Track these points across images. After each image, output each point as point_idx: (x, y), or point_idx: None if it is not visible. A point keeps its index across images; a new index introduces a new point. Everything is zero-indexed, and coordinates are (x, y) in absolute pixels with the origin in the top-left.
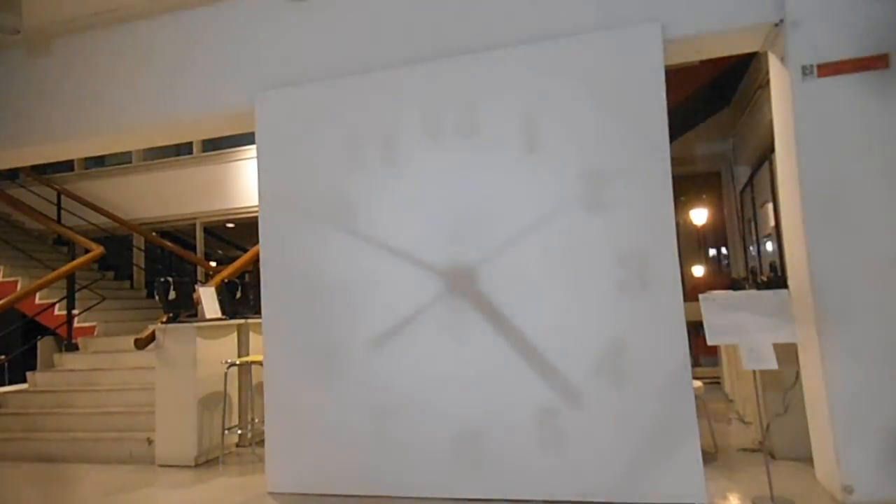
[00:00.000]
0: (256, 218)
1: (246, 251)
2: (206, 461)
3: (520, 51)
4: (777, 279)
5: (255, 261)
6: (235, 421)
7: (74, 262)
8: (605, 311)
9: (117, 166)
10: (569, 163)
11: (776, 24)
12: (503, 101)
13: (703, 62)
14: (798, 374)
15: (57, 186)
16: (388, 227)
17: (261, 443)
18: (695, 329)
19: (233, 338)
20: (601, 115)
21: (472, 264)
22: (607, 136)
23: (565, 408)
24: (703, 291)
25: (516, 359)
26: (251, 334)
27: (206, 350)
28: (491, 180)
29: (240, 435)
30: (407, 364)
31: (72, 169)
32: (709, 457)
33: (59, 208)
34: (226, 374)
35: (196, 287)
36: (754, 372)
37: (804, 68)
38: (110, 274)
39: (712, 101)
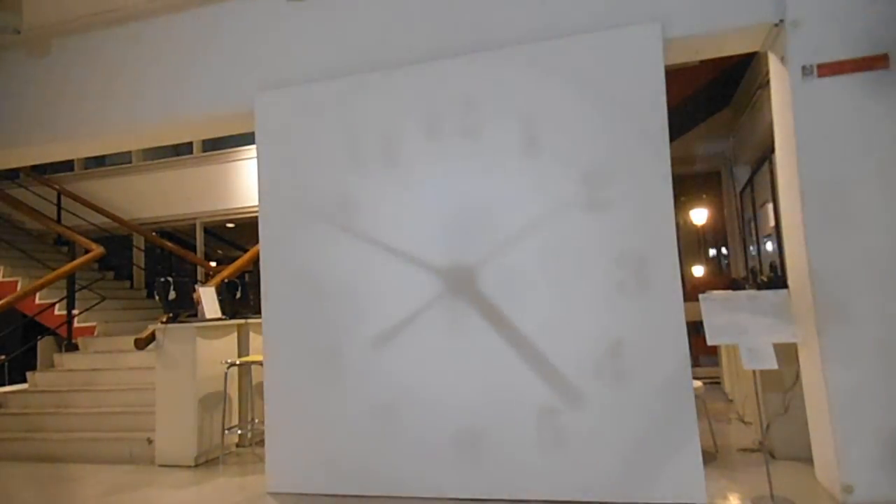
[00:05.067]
0: (256, 218)
1: (246, 251)
2: (206, 461)
3: (520, 51)
4: (777, 279)
5: (255, 261)
6: (235, 421)
7: (74, 262)
8: (605, 311)
9: (117, 166)
10: (568, 163)
11: (776, 24)
12: (503, 102)
13: (703, 62)
14: (798, 374)
15: (57, 186)
16: (388, 227)
17: (261, 443)
18: (695, 329)
19: (233, 338)
20: (601, 115)
21: (471, 263)
22: (607, 137)
23: (565, 407)
24: (703, 291)
25: (516, 358)
26: (251, 334)
27: (206, 350)
28: (490, 180)
29: (240, 435)
30: (407, 364)
31: (72, 169)
32: (709, 457)
33: (59, 208)
34: (226, 374)
35: (196, 287)
36: (754, 372)
37: (804, 68)
38: (110, 274)
39: (712, 101)
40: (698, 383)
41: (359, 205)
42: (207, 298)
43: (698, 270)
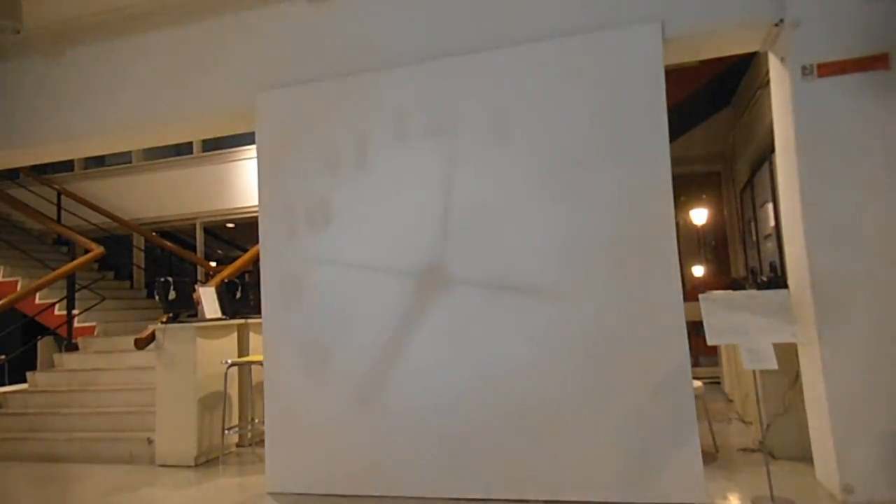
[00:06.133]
0: (256, 218)
1: (246, 251)
2: (206, 461)
3: (519, 51)
4: (777, 279)
5: (255, 261)
6: (235, 421)
7: (74, 262)
8: (604, 311)
9: (117, 166)
10: (568, 162)
11: (776, 24)
12: (503, 102)
13: (703, 62)
14: (798, 374)
15: (57, 186)
16: (385, 226)
17: (261, 443)
18: (695, 329)
19: (233, 338)
20: (601, 114)
21: (472, 261)
22: (607, 136)
23: (564, 407)
24: (703, 291)
25: (511, 357)
26: (251, 334)
27: (206, 350)
28: (489, 180)
29: (240, 435)
30: (405, 363)
31: (72, 169)
32: (709, 457)
33: (59, 208)
34: (226, 374)
35: (196, 287)
36: (754, 372)
37: (804, 68)
38: (110, 274)
39: (712, 101)
40: (698, 383)
41: (357, 203)
42: (207, 298)
43: (698, 270)
